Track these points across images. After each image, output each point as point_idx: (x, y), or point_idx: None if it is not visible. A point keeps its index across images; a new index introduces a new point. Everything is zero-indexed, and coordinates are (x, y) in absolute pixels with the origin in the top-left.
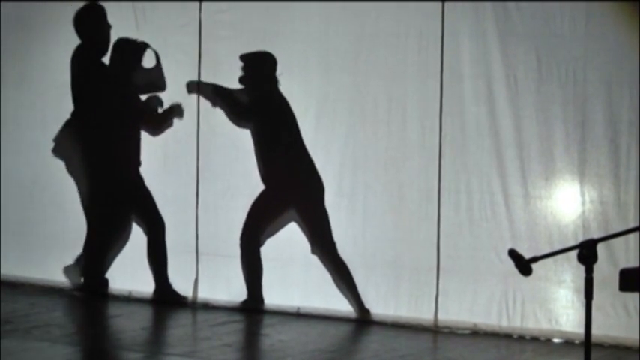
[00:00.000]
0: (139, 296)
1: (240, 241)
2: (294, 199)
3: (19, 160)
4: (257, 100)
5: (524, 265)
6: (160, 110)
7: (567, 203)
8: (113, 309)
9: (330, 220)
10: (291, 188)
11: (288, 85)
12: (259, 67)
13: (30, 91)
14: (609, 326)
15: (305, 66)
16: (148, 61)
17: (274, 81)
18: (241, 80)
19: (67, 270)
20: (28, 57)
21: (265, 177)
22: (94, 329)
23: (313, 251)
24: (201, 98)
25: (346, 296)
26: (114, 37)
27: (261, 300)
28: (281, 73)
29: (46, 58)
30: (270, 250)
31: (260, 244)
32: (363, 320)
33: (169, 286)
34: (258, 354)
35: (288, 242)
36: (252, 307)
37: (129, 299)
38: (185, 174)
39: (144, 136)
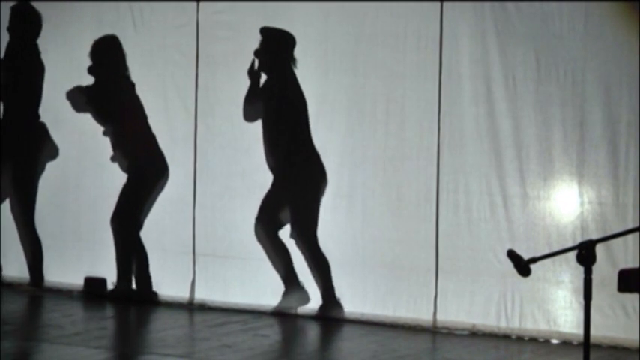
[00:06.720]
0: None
1: (256, 236)
2: (294, 184)
3: None
4: (270, 81)
5: (522, 266)
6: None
7: (566, 204)
8: (110, 309)
9: (318, 213)
10: (294, 175)
11: None
12: (276, 44)
13: None
14: (608, 327)
15: (303, 66)
16: None
17: (289, 61)
18: (257, 53)
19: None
20: None
21: (272, 164)
22: (92, 330)
23: (292, 235)
24: (200, 98)
25: (319, 286)
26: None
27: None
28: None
29: (44, 58)
30: None
31: (277, 228)
32: (336, 317)
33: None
34: (257, 355)
35: (286, 243)
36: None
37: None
38: (183, 175)
39: None
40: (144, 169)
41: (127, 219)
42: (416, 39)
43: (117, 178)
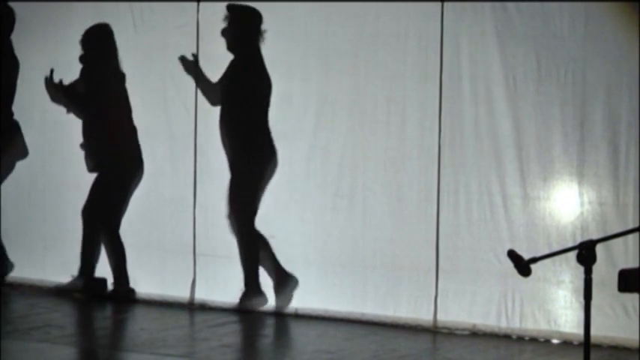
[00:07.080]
0: (137, 297)
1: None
2: (243, 165)
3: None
4: (234, 61)
5: (523, 266)
6: None
7: (566, 204)
8: (111, 310)
9: (259, 198)
10: (245, 157)
11: (288, 85)
12: (242, 21)
13: (29, 92)
14: (608, 327)
15: (304, 66)
16: None
17: (256, 38)
18: (223, 33)
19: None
20: (27, 57)
21: (227, 144)
22: (93, 330)
23: (228, 216)
24: (200, 98)
25: (244, 271)
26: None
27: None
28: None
29: (45, 58)
30: None
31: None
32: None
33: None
34: (257, 355)
35: (285, 243)
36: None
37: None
38: (183, 175)
39: (142, 137)
40: (117, 162)
41: (99, 213)
42: (416, 39)
43: None
